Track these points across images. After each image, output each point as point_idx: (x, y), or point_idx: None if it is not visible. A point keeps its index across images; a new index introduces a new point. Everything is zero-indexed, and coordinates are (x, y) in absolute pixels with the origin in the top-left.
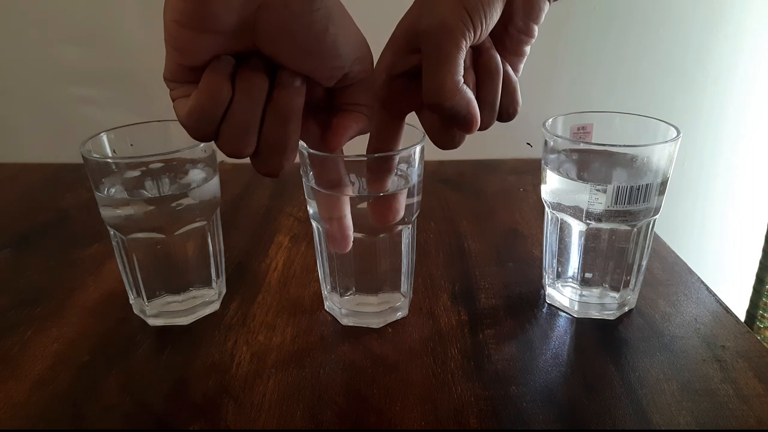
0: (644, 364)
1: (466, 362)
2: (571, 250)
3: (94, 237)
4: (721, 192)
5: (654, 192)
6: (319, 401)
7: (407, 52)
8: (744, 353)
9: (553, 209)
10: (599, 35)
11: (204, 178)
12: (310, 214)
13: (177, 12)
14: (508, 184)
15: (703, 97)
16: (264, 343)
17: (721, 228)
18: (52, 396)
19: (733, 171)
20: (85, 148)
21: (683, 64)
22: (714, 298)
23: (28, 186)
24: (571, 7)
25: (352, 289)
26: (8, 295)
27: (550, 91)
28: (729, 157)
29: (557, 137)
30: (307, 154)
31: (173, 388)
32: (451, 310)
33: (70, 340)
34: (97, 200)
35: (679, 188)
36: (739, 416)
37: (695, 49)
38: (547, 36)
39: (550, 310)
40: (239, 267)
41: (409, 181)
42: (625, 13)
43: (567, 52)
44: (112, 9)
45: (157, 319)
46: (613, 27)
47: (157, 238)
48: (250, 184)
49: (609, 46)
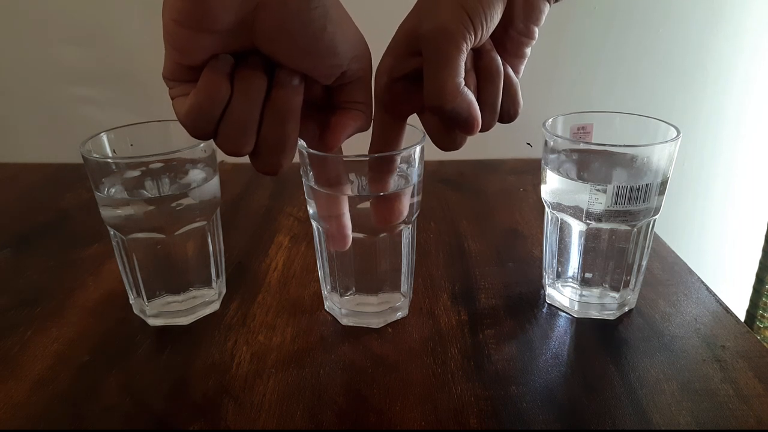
0: (644, 364)
1: (466, 362)
2: (571, 250)
3: (94, 237)
4: (721, 192)
5: (654, 192)
6: (319, 401)
7: (408, 55)
8: (744, 353)
9: (553, 209)
10: (599, 35)
11: (204, 178)
12: (310, 214)
13: (175, 11)
14: (508, 184)
15: (703, 97)
16: (264, 343)
17: (721, 228)
18: (52, 396)
19: (733, 171)
20: (85, 148)
21: (683, 64)
22: (714, 298)
23: (28, 186)
24: (571, 7)
25: (352, 289)
26: (8, 295)
27: (550, 91)
28: (729, 157)
29: (557, 137)
30: (307, 153)
31: (173, 388)
32: (451, 310)
33: (70, 340)
34: (97, 200)
35: (679, 188)
36: (739, 416)
37: (695, 49)
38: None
39: (550, 310)
40: (239, 267)
41: (410, 182)
42: (625, 13)
43: (567, 53)
44: (112, 9)
45: (157, 319)
46: (613, 27)
47: (157, 238)
48: (250, 184)
49: (609, 46)
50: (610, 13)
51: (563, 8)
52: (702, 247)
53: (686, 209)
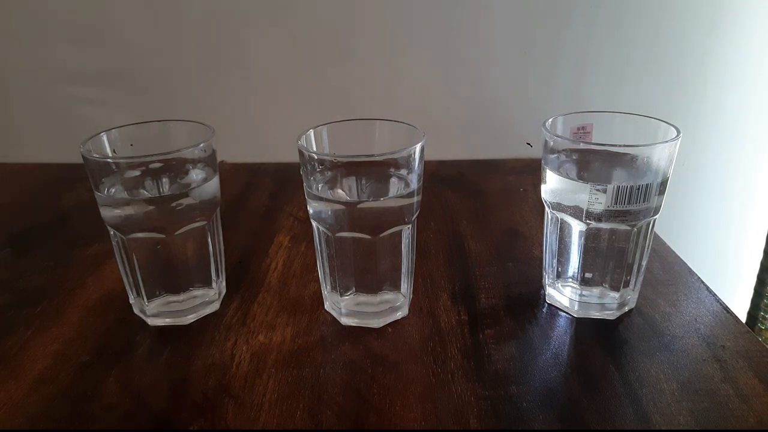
0: (644, 364)
1: (466, 362)
2: (571, 250)
3: (94, 237)
4: (721, 192)
5: (654, 192)
6: (319, 401)
7: None
8: (744, 353)
9: (553, 209)
10: (599, 35)
11: (204, 178)
12: (310, 214)
13: None
14: (508, 184)
15: (703, 97)
16: (264, 343)
17: (721, 228)
18: (52, 396)
19: (733, 171)
20: (85, 148)
21: (683, 64)
22: (714, 298)
23: (28, 186)
24: (571, 7)
25: (352, 289)
26: (8, 295)
27: (550, 91)
28: (729, 157)
29: (557, 137)
30: (307, 153)
31: (173, 388)
32: (451, 310)
33: (70, 340)
34: (97, 200)
35: (679, 188)
36: (739, 416)
37: (695, 49)
38: (547, 36)
39: (550, 310)
40: (239, 267)
41: (409, 182)
42: (625, 14)
43: (567, 52)
44: (112, 9)
45: (157, 319)
46: (613, 27)
47: (157, 238)
48: (250, 184)
49: (609, 46)
50: (610, 13)
51: (563, 8)
52: (702, 247)
53: (686, 209)
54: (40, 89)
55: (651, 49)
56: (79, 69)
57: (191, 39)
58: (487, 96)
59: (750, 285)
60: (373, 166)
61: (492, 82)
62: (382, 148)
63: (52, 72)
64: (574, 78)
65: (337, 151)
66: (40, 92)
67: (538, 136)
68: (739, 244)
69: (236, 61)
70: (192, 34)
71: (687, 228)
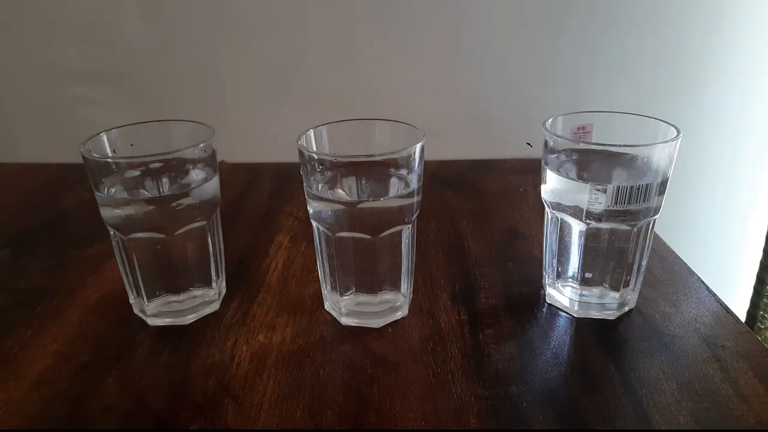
0: (644, 364)
1: (466, 362)
2: (571, 250)
3: (94, 237)
4: (721, 192)
5: (654, 192)
6: (319, 401)
7: None
8: (744, 353)
9: (553, 209)
10: (599, 35)
11: (204, 178)
12: (310, 214)
13: None
14: (508, 184)
15: (703, 97)
16: (264, 343)
17: (721, 228)
18: (52, 396)
19: (734, 171)
20: (85, 148)
21: (683, 64)
22: (714, 298)
23: (28, 186)
24: (571, 7)
25: (352, 289)
26: (8, 295)
27: (550, 91)
28: (729, 157)
29: (557, 137)
30: (307, 154)
31: (173, 388)
32: (451, 310)
33: (70, 340)
34: (97, 200)
35: (679, 188)
36: (739, 416)
37: (695, 48)
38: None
39: (550, 310)
40: (239, 267)
41: (409, 182)
42: (625, 13)
43: (567, 53)
44: (112, 9)
45: (157, 319)
46: (613, 27)
47: (157, 238)
48: (250, 184)
49: (609, 46)
50: (609, 13)
51: (563, 8)
52: (702, 247)
53: (686, 209)
54: (40, 89)
55: (651, 49)
56: (79, 69)
57: (191, 39)
58: (487, 96)
59: (750, 285)
60: (373, 166)
61: (492, 82)
62: (382, 148)
63: (52, 72)
64: (574, 78)
65: (337, 151)
66: (40, 92)
67: (538, 136)
68: (739, 243)
69: (236, 61)
70: (192, 34)
71: (687, 228)
